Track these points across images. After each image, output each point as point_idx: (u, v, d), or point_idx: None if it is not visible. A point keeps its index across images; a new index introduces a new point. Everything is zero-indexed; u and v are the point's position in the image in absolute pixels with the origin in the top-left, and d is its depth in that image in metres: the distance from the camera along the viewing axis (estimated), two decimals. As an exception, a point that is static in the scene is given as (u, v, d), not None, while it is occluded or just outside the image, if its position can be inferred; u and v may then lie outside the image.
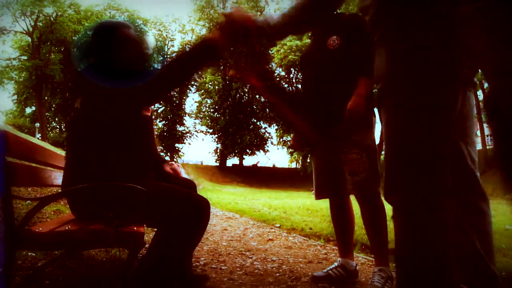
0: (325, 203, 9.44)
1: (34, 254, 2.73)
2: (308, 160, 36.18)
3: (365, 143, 2.59)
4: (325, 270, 2.85)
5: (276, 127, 43.04)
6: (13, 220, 1.76)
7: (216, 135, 41.53)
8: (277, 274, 2.99)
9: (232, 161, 43.63)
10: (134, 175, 1.94)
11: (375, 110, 2.62)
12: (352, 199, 2.82)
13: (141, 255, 2.56)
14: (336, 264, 2.86)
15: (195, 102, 46.04)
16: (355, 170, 2.56)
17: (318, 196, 2.92)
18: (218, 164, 41.57)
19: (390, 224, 4.58)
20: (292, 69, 38.28)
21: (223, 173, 37.20)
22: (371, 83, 2.56)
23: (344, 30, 2.67)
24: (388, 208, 1.67)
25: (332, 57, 2.67)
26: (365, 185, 2.57)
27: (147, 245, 2.09)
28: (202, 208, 1.96)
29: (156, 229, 1.98)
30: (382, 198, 2.64)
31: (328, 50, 2.69)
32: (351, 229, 2.88)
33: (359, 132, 2.60)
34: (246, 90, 41.09)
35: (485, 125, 28.68)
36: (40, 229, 1.84)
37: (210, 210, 2.08)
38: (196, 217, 1.93)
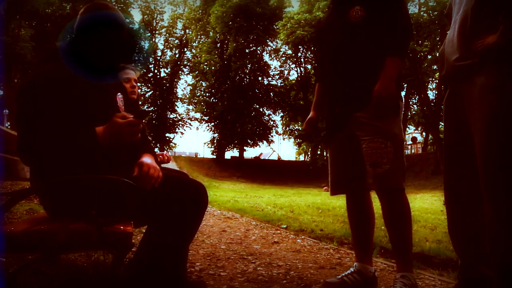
0: (337, 201, 9.51)
1: (4, 259, 2.73)
2: (319, 152, 36.28)
3: (392, 131, 2.58)
4: (339, 277, 2.86)
5: (281, 114, 43.06)
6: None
7: (213, 124, 41.47)
8: (284, 281, 3.00)
9: (231, 153, 43.75)
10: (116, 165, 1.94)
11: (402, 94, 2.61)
12: (373, 195, 2.82)
13: (128, 259, 2.57)
14: (352, 269, 2.86)
15: (189, 85, 46.11)
16: (378, 161, 2.55)
17: (334, 192, 2.92)
18: (215, 156, 41.58)
19: (415, 225, 4.59)
20: (300, 46, 38.17)
21: (221, 167, 37.26)
22: (400, 63, 2.55)
23: (368, 0, 2.65)
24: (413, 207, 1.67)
25: (355, 31, 2.65)
26: (388, 178, 2.56)
27: (134, 249, 2.10)
28: (198, 194, 1.97)
29: (146, 227, 1.99)
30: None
31: (350, 23, 2.66)
32: (370, 230, 2.88)
33: (386, 118, 2.59)
34: (247, 71, 41.03)
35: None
36: (12, 229, 1.84)
37: (208, 196, 2.10)
38: (191, 205, 1.94)
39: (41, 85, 1.94)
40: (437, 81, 33.81)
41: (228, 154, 42.96)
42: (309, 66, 40.46)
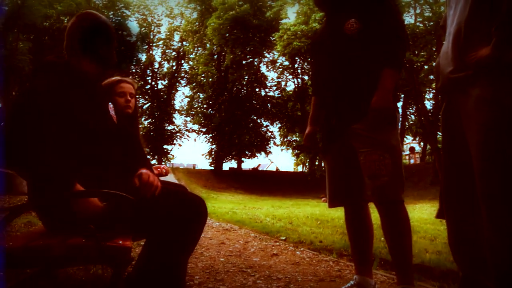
0: (336, 212, 9.47)
1: (1, 274, 2.72)
2: (317, 163, 36.25)
3: (390, 143, 2.58)
4: None
5: (279, 125, 43.08)
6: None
7: (211, 135, 41.49)
8: (284, 294, 2.99)
9: (229, 164, 43.68)
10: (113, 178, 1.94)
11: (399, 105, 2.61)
12: (371, 207, 2.81)
13: (126, 274, 2.56)
14: (352, 282, 2.85)
15: (186, 97, 46.19)
16: (376, 173, 2.55)
17: (332, 204, 2.91)
18: (213, 168, 41.53)
19: (414, 236, 4.57)
20: (297, 57, 38.30)
21: (218, 178, 37.19)
22: (396, 75, 2.55)
23: (363, 11, 2.65)
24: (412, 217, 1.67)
25: (350, 44, 2.66)
26: (387, 190, 2.55)
27: (133, 262, 2.09)
28: (197, 208, 1.97)
29: (144, 240, 1.98)
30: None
31: (345, 36, 2.67)
32: (369, 242, 2.87)
33: (383, 130, 2.59)
34: (244, 82, 41.13)
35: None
36: (11, 244, 1.83)
37: (207, 210, 2.10)
38: (190, 219, 1.94)
39: (36, 100, 1.94)
40: (434, 91, 33.93)
41: (226, 166, 42.94)
42: (306, 77, 40.56)
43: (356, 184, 2.70)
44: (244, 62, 40.33)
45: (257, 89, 42.55)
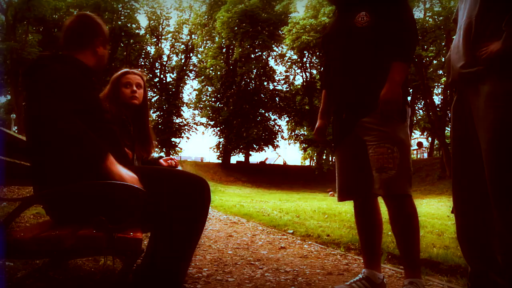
0: (343, 206, 9.49)
1: (12, 264, 2.74)
2: (324, 157, 36.21)
3: (398, 137, 2.56)
4: (347, 283, 2.84)
5: (287, 119, 43.06)
6: (-9, 225, 1.76)
7: (218, 128, 41.55)
8: (292, 287, 2.99)
9: (236, 157, 43.75)
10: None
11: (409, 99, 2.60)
12: (380, 200, 2.80)
13: (135, 265, 2.57)
14: (360, 276, 2.84)
15: (194, 90, 46.32)
16: (384, 166, 2.53)
17: (341, 198, 2.90)
18: (220, 161, 41.62)
19: (422, 231, 4.56)
20: (305, 51, 38.21)
21: (226, 172, 37.29)
22: (406, 68, 2.53)
23: (374, 4, 2.63)
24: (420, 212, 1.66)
25: (360, 37, 2.64)
26: (394, 184, 2.53)
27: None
28: (201, 187, 2.00)
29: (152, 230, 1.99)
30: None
31: (355, 29, 2.65)
32: (378, 236, 2.86)
33: (392, 123, 2.57)
34: (253, 76, 41.08)
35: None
36: (22, 234, 1.84)
37: (210, 189, 2.15)
38: (197, 198, 1.96)
39: (61, 82, 1.97)
40: (442, 86, 33.72)
41: (233, 159, 43.00)
42: (314, 71, 40.49)
43: (365, 178, 2.68)
44: (252, 55, 40.28)
45: (265, 83, 42.48)
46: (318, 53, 37.71)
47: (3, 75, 38.60)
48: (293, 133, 44.12)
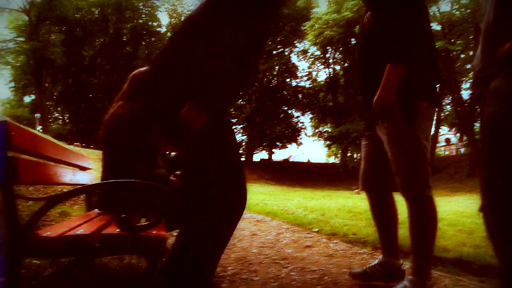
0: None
1: (39, 262, 2.78)
2: (349, 154, 36.00)
3: (401, 140, 2.53)
4: (363, 268, 2.98)
5: (310, 116, 42.94)
6: (18, 224, 1.79)
7: (241, 126, 41.61)
8: (318, 287, 2.98)
9: (260, 155, 43.83)
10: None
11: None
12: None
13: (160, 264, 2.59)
14: (376, 261, 2.95)
15: (216, 87, 46.22)
16: (394, 171, 2.58)
17: (363, 188, 2.99)
18: (243, 159, 41.60)
19: (451, 230, 4.49)
20: (328, 47, 38.01)
21: (249, 169, 37.29)
22: (401, 69, 2.39)
23: (380, 5, 2.57)
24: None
25: (367, 37, 2.65)
26: (405, 187, 2.55)
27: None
28: (236, 200, 2.02)
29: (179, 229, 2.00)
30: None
31: (364, 30, 2.67)
32: (393, 228, 2.91)
33: (397, 126, 2.52)
34: (275, 73, 41.02)
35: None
36: (48, 233, 1.86)
37: (246, 202, 2.21)
38: (227, 211, 1.98)
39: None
40: (471, 81, 33.17)
41: (257, 157, 43.06)
42: (337, 67, 40.31)
43: (380, 174, 2.74)
44: (274, 52, 40.22)
45: (288, 79, 42.43)
46: (341, 49, 37.50)
47: (28, 75, 39.31)
48: (316, 130, 43.95)
